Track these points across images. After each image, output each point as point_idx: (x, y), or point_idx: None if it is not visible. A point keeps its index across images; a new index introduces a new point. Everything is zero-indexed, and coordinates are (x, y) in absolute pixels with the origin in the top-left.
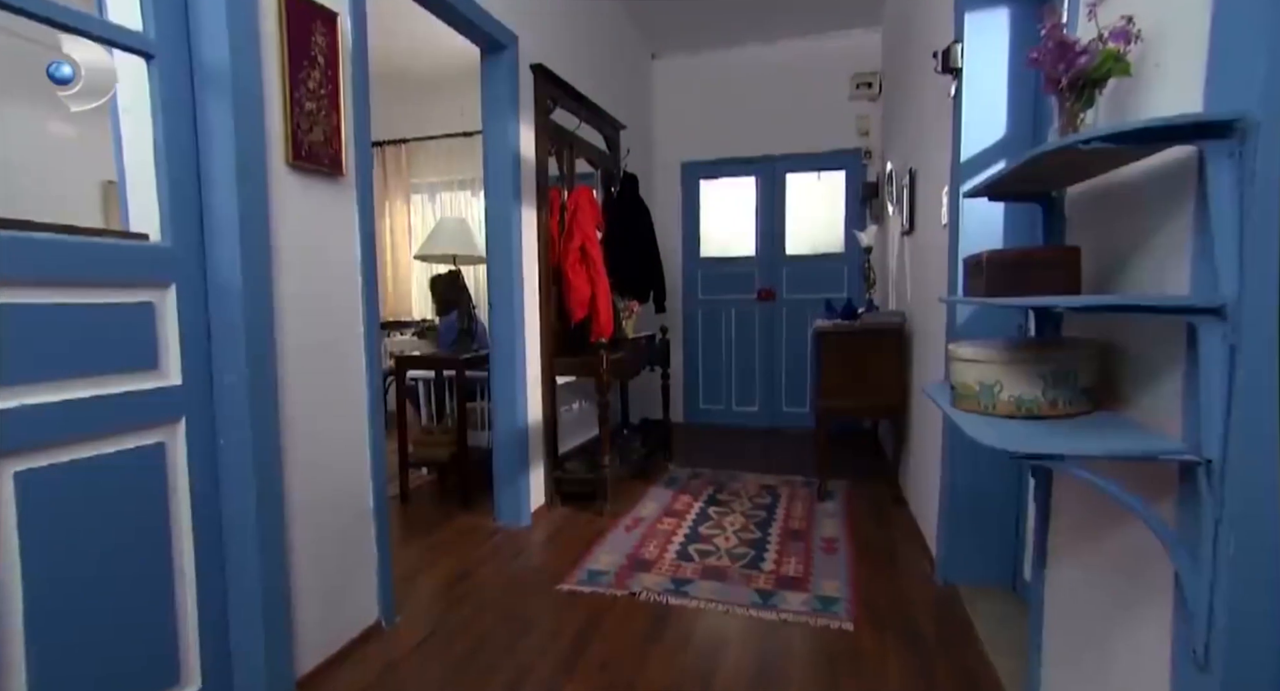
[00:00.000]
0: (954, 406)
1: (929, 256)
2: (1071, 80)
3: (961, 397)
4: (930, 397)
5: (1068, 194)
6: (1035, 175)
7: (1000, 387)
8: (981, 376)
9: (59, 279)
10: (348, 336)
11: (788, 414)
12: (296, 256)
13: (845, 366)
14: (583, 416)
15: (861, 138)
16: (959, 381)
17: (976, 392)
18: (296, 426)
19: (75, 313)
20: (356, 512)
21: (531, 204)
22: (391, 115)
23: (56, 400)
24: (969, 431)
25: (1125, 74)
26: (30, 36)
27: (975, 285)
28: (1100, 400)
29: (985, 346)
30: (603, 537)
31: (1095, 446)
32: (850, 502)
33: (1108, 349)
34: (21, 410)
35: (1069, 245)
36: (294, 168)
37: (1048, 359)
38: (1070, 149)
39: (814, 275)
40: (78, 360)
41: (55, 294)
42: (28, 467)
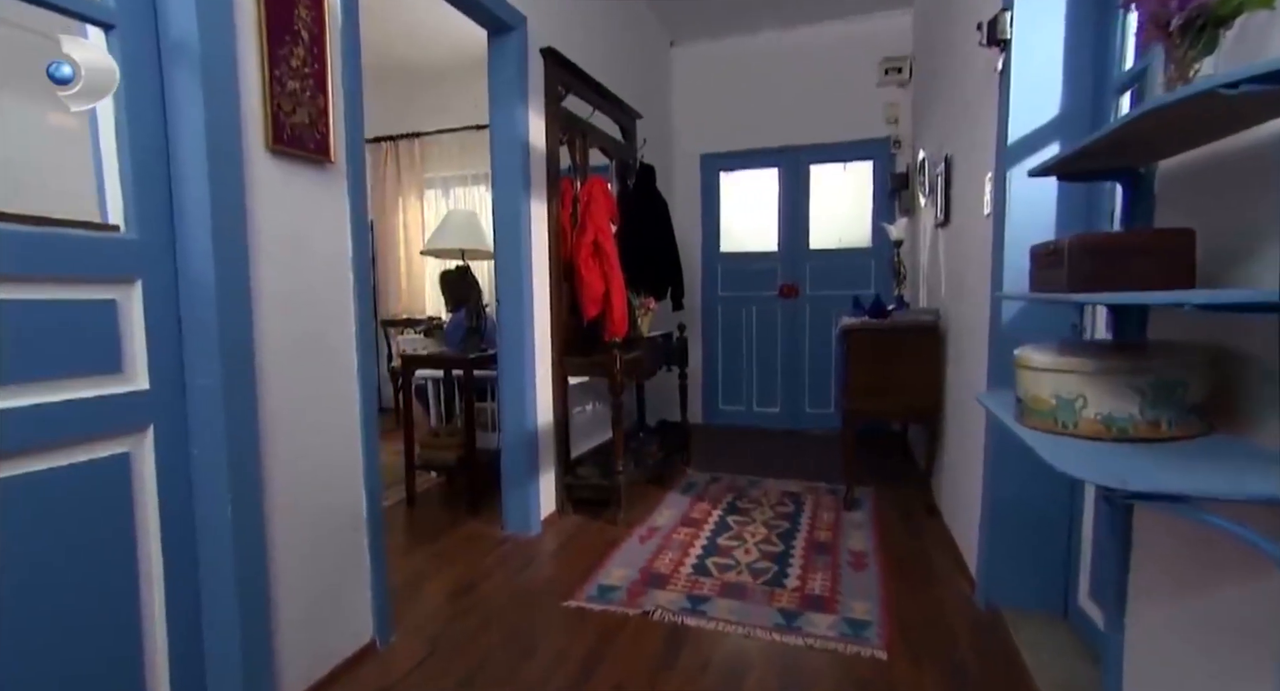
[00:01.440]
0: (1020, 422)
1: (968, 249)
2: (1187, 19)
3: (1032, 413)
4: (989, 410)
5: (1159, 169)
6: (1128, 143)
7: (1084, 403)
8: (1060, 388)
9: (3, 274)
10: (337, 334)
11: (811, 415)
12: (278, 249)
13: (874, 366)
14: (596, 418)
15: (890, 126)
16: (1030, 394)
17: (1053, 408)
18: (279, 433)
19: (24, 310)
20: (348, 525)
21: (542, 195)
22: (403, 109)
23: (1, 408)
24: (1050, 459)
25: (1266, 5)
26: (31, 27)
27: (1048, 277)
28: (1213, 421)
29: (1064, 352)
30: (615, 548)
31: (1230, 487)
32: (879, 512)
33: (1221, 356)
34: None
35: (1179, 228)
36: (275, 153)
37: (1146, 368)
38: (1199, 99)
39: (839, 271)
40: (26, 364)
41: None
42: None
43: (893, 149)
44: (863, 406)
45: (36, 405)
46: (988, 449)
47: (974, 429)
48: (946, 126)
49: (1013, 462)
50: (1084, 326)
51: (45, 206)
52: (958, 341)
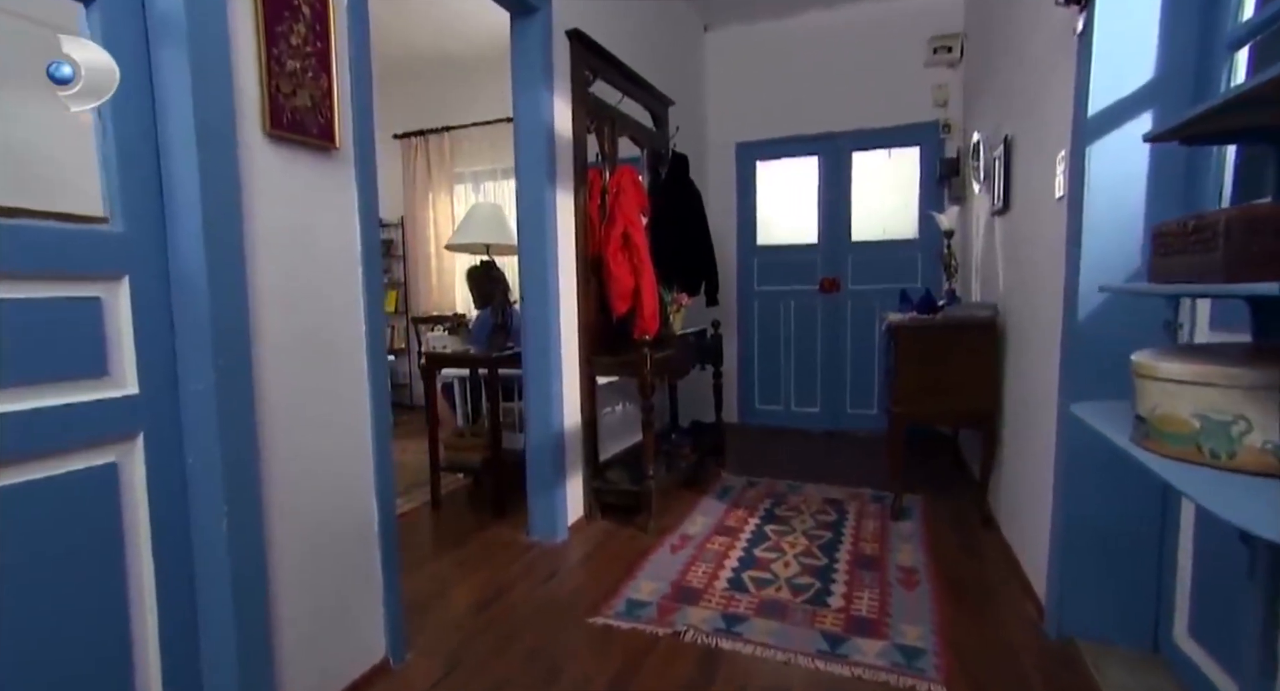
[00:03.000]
0: (1142, 446)
1: (1034, 237)
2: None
3: (1162, 437)
4: (1096, 429)
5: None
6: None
7: (1246, 427)
8: (1206, 406)
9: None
10: (345, 333)
11: (853, 416)
12: (279, 241)
13: (924, 366)
14: (626, 419)
15: (939, 109)
16: (1159, 413)
17: (1195, 432)
18: (280, 439)
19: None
20: (359, 536)
21: (568, 186)
22: (432, 103)
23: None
24: (1220, 511)
25: None
26: (42, 20)
27: (1182, 264)
28: None
29: (1204, 359)
30: (645, 558)
31: None
32: (929, 523)
33: None
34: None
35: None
36: (274, 138)
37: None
38: None
39: (883, 263)
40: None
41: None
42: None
43: (941, 133)
44: (912, 409)
45: (10, 413)
46: (1060, 459)
47: (1040, 435)
48: (1005, 105)
49: (1093, 476)
50: (1177, 323)
51: (22, 198)
52: (1020, 339)
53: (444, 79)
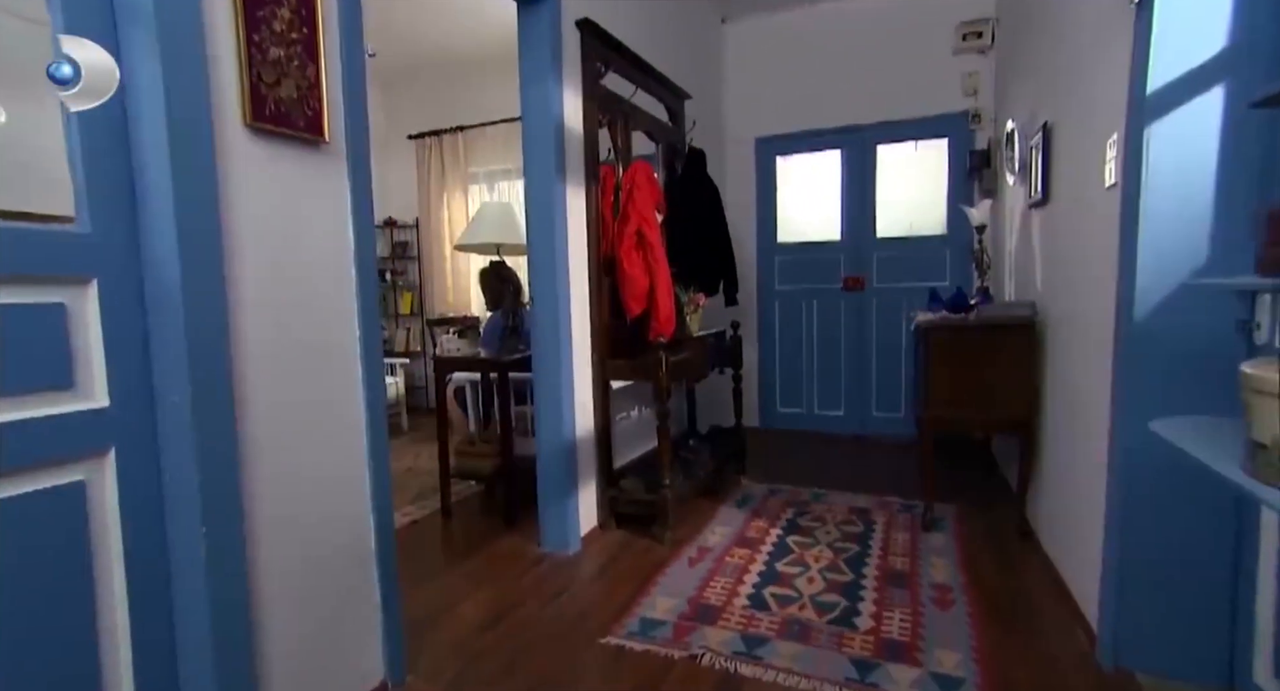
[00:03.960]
0: (1261, 478)
1: (1079, 230)
2: None
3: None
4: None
5: None
6: None
7: None
8: None
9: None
10: (338, 339)
11: (878, 419)
12: (263, 242)
13: (957, 369)
14: (642, 424)
15: (968, 98)
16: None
17: None
18: (266, 453)
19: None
20: (354, 554)
21: (579, 182)
22: (445, 102)
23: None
24: None
25: None
26: (4, 6)
27: None
28: None
29: None
30: (661, 572)
31: None
32: (963, 535)
33: None
34: None
35: None
36: (255, 131)
37: None
38: None
39: (910, 261)
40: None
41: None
42: None
43: (971, 124)
44: (943, 414)
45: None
46: (1116, 475)
47: (1088, 444)
48: (1044, 90)
49: (1155, 494)
50: (1257, 322)
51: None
52: (1062, 340)
53: (457, 78)
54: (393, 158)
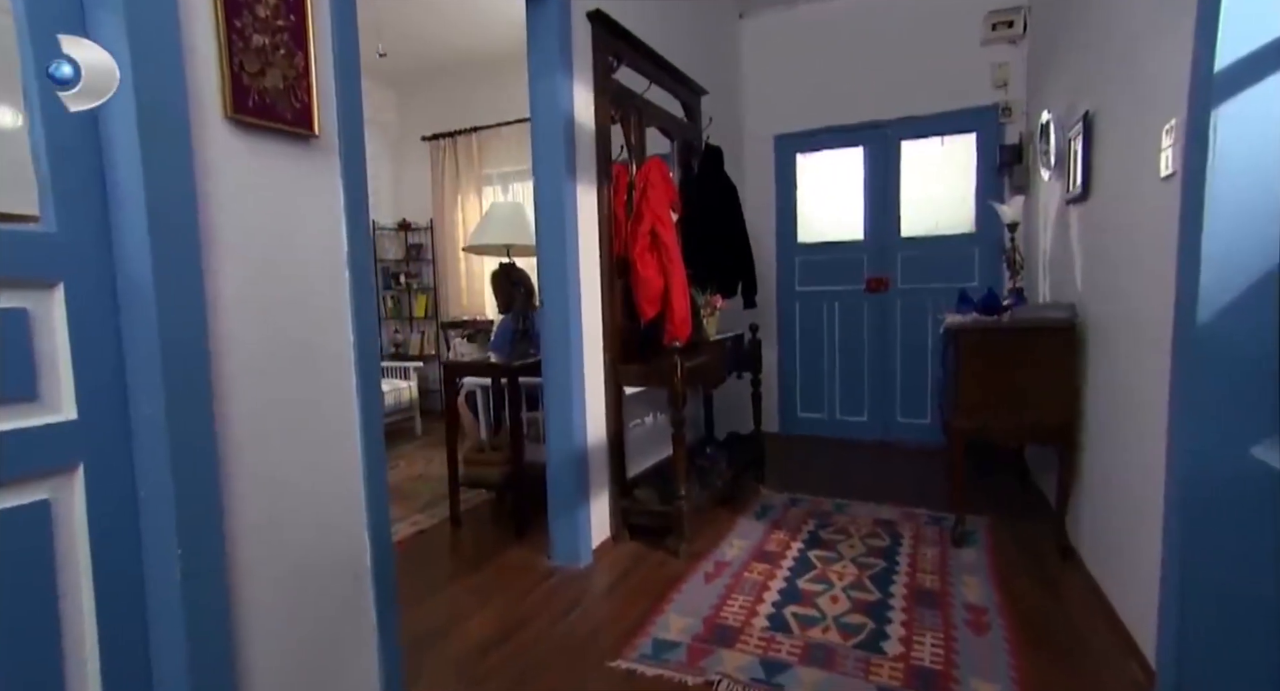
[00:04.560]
0: None
1: (1128, 224)
2: None
3: None
4: None
5: None
6: None
7: None
8: None
9: None
10: (329, 346)
11: (904, 425)
12: (247, 243)
13: (990, 374)
14: (657, 431)
15: (998, 91)
16: None
17: None
18: (250, 468)
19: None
20: (348, 574)
21: (590, 180)
22: (459, 103)
23: None
24: None
25: None
26: None
27: None
28: None
29: None
30: (676, 588)
31: None
32: (997, 551)
33: None
34: None
35: None
36: (237, 123)
37: None
38: None
39: (936, 260)
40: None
41: None
42: None
43: (1001, 118)
44: (975, 423)
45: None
46: (1178, 495)
47: (1139, 457)
48: (1084, 78)
49: (1230, 517)
50: None
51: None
52: (1106, 344)
53: (470, 78)
54: (407, 159)
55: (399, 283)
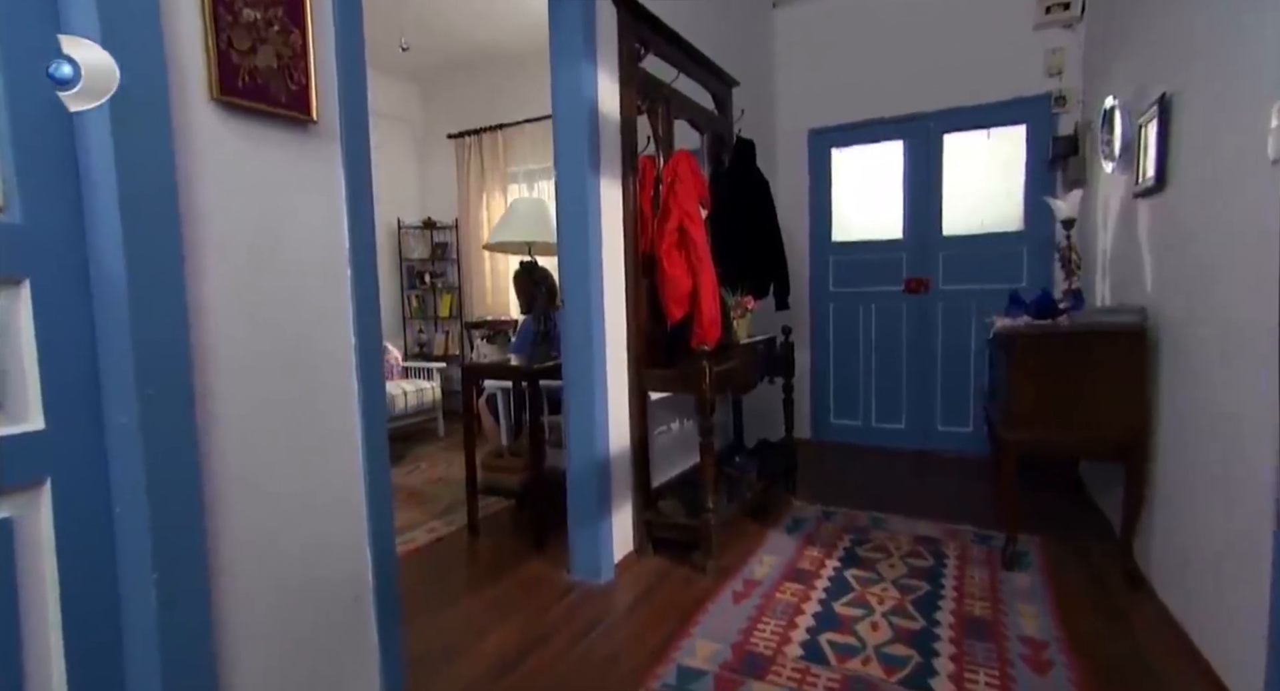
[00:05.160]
0: None
1: (1217, 218)
2: None
3: None
4: None
5: None
6: None
7: None
8: None
9: None
10: (329, 349)
11: (944, 434)
12: (236, 237)
13: (1046, 383)
14: (683, 438)
15: (1051, 79)
16: None
17: None
18: (238, 482)
19: None
20: (349, 595)
21: (615, 174)
22: (484, 100)
23: None
24: None
25: None
26: None
27: None
28: None
29: None
30: (702, 609)
31: None
32: (1054, 576)
33: None
34: None
35: None
36: (224, 106)
37: None
38: None
39: (981, 260)
40: None
41: None
42: None
43: (1054, 107)
44: (1028, 436)
45: None
46: None
47: (1233, 478)
48: (1162, 59)
49: None
50: None
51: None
52: (1188, 351)
53: (495, 75)
54: (432, 157)
55: (424, 282)
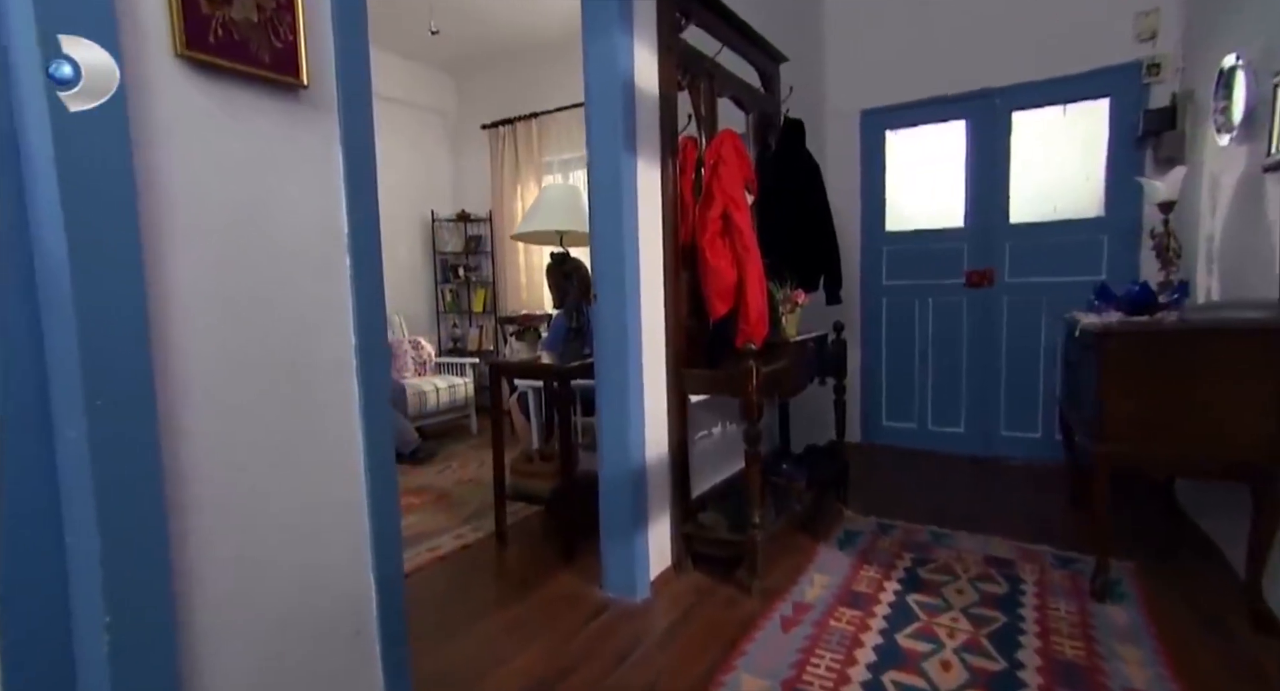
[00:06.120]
0: None
1: None
2: None
3: None
4: None
5: None
6: None
7: None
8: None
9: None
10: (324, 351)
11: (1007, 439)
12: (209, 222)
13: (1149, 390)
14: (725, 444)
15: (1143, 44)
16: None
17: None
18: (213, 507)
19: None
20: (348, 631)
21: (654, 156)
22: (518, 88)
23: None
24: None
25: None
26: None
27: None
28: None
29: None
30: (748, 636)
31: None
32: (1156, 610)
33: None
34: None
35: None
36: (193, 64)
37: None
38: None
39: (1053, 250)
40: None
41: None
42: None
43: (1146, 77)
44: (1127, 449)
45: None
46: None
47: None
48: None
49: None
50: None
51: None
52: None
53: (529, 62)
54: (466, 149)
55: (457, 275)
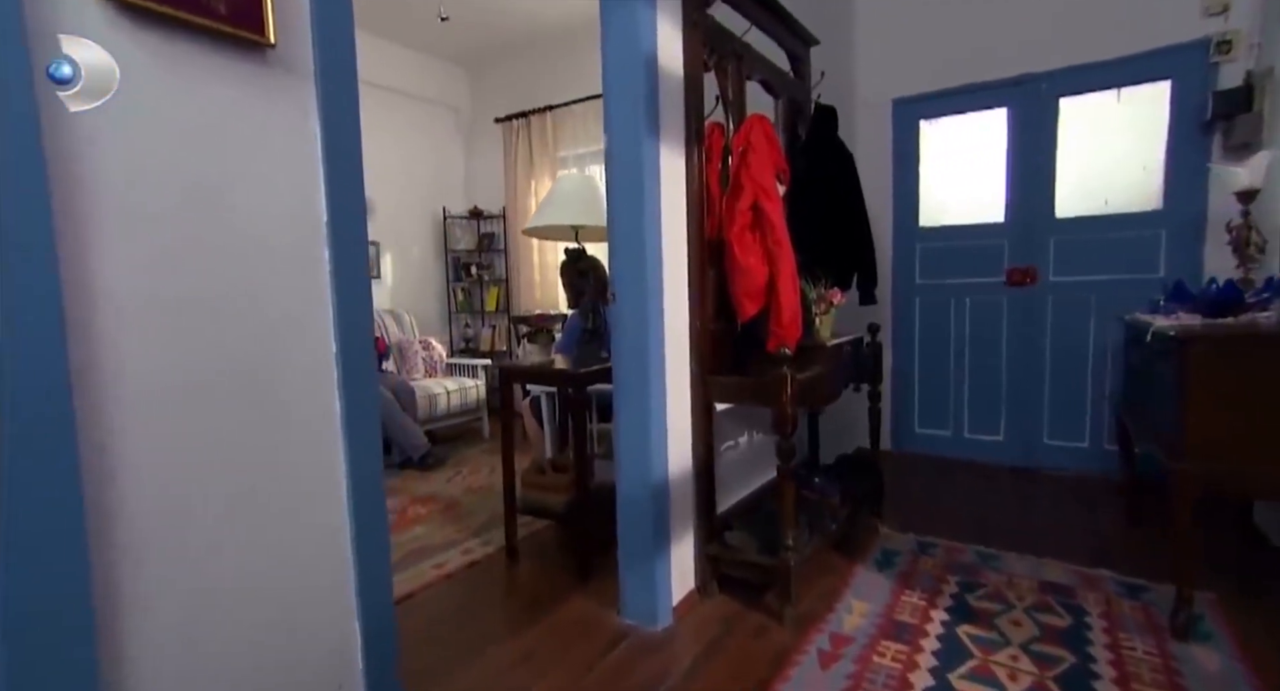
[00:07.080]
0: None
1: None
2: None
3: None
4: None
5: None
6: None
7: None
8: None
9: None
10: (298, 359)
11: (1051, 449)
12: (153, 206)
13: (1244, 402)
14: (753, 453)
15: (1212, 19)
16: None
17: None
18: (158, 561)
19: None
20: (329, 686)
21: (677, 141)
22: (532, 80)
23: None
24: None
25: None
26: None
27: None
28: None
29: None
30: (782, 675)
31: None
32: (1252, 653)
33: None
34: None
35: None
36: (127, 11)
37: None
38: None
39: (1103, 246)
40: None
41: None
42: None
43: (1214, 55)
44: (1217, 469)
45: None
46: None
47: None
48: None
49: None
50: None
51: None
52: None
53: (543, 53)
54: (478, 145)
55: (470, 274)
